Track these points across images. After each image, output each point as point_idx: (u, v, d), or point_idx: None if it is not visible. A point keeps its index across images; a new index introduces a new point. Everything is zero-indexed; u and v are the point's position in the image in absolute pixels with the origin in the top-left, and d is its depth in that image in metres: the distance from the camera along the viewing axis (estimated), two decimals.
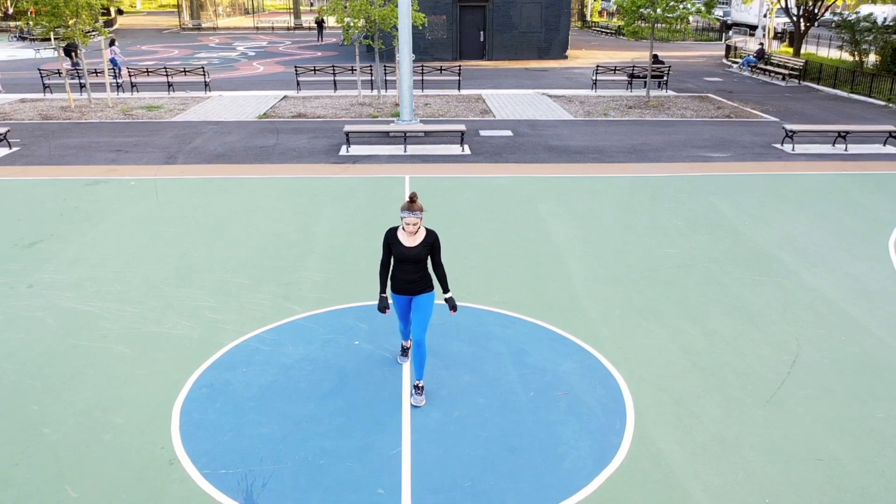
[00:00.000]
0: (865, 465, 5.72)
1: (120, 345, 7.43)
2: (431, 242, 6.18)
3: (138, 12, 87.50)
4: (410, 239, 6.11)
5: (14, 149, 16.32)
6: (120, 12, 62.28)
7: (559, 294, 8.75)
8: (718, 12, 62.85)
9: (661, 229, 11.09)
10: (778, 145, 17.06)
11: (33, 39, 49.91)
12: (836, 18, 31.95)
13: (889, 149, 16.87)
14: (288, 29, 59.03)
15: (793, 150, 16.61)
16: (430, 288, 6.30)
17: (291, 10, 71.47)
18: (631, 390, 6.67)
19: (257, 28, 58.65)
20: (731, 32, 49.82)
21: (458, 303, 7.37)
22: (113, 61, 28.73)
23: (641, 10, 21.39)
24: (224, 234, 10.78)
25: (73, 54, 29.23)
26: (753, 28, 46.23)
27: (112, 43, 29.27)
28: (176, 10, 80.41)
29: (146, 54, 38.51)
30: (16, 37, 52.25)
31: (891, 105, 23.28)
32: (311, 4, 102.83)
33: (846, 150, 16.65)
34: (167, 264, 9.61)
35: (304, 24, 59.64)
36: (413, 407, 6.32)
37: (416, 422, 6.13)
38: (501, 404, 6.41)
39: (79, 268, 9.49)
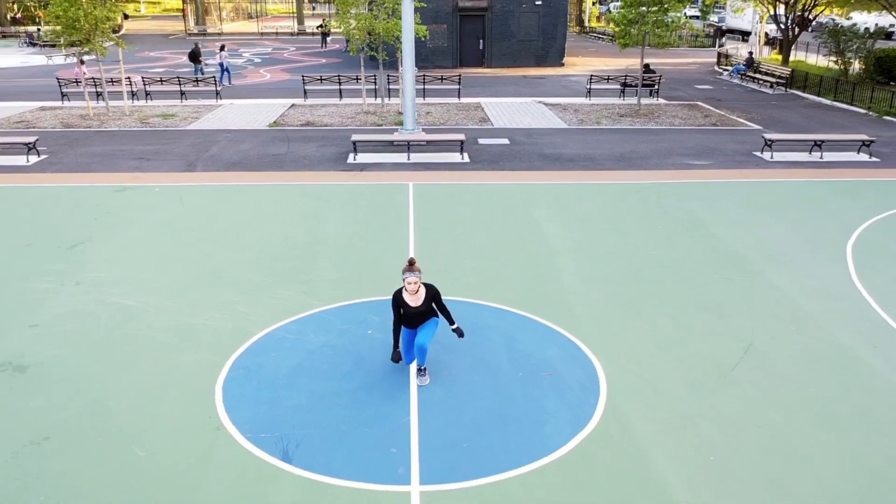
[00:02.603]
0: (799, 432, 6.82)
1: (164, 334, 8.54)
2: (433, 296, 7.29)
3: (143, 17, 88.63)
4: (414, 298, 7.19)
5: (42, 157, 17.42)
6: (126, 17, 63.28)
7: (549, 291, 9.86)
8: (713, 18, 64.13)
9: (644, 233, 12.19)
10: (758, 153, 18.17)
11: (43, 45, 51.08)
12: (829, 24, 32.94)
13: (862, 157, 17.97)
14: (292, 34, 60.15)
15: (771, 157, 17.72)
16: (435, 316, 7.42)
17: (294, 15, 72.70)
18: (606, 373, 7.77)
19: (262, 34, 59.67)
20: (724, 39, 50.93)
21: (459, 298, 8.47)
22: (221, 66, 30.28)
23: (632, 24, 22.48)
24: (244, 236, 11.88)
25: (197, 60, 30.67)
26: (747, 34, 47.36)
27: (222, 48, 30.87)
28: (180, 13, 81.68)
29: (155, 61, 39.63)
30: (25, 42, 53.27)
31: (871, 113, 24.37)
32: (314, 8, 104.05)
33: (821, 157, 17.75)
34: (196, 264, 10.71)
35: (308, 30, 60.78)
36: (419, 386, 7.42)
37: (421, 396, 7.24)
38: (494, 382, 7.52)
39: (118, 267, 10.59)
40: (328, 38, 49.42)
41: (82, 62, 24.25)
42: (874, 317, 9.19)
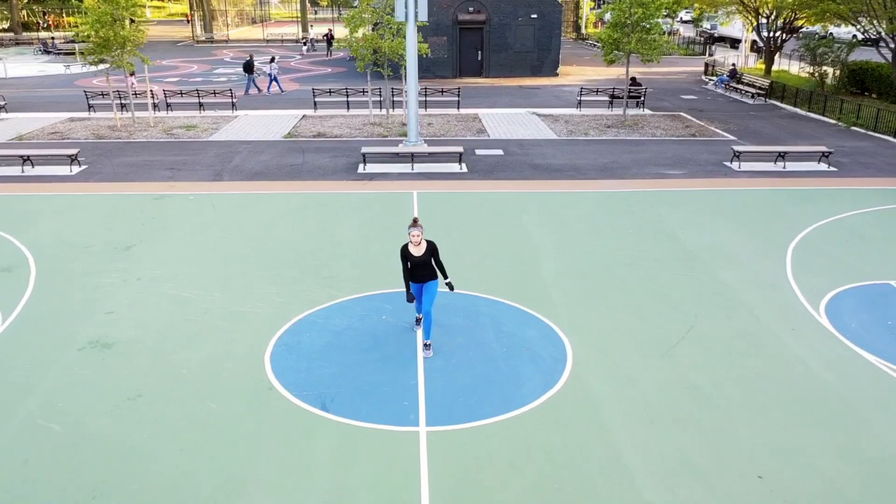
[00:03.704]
0: (718, 391, 8.80)
1: (217, 319, 10.53)
2: (432, 249, 9.28)
3: (148, 21, 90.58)
4: (417, 249, 9.20)
5: (83, 167, 19.41)
6: (132, 22, 64.92)
7: (531, 284, 11.83)
8: (706, 25, 66.06)
9: (615, 235, 14.17)
10: (728, 163, 20.14)
11: (58, 53, 52.94)
12: (811, 35, 34.74)
13: (822, 166, 19.93)
14: (297, 41, 62.08)
15: (739, 167, 19.70)
16: (435, 277, 9.41)
17: (298, 19, 74.64)
18: (573, 349, 9.75)
19: (267, 41, 61.56)
20: (714, 47, 52.91)
21: (456, 290, 10.45)
22: (270, 75, 32.56)
23: (617, 43, 24.45)
24: (271, 239, 13.86)
25: (251, 70, 33.32)
26: (738, 41, 49.37)
27: (272, 60, 33.15)
28: (184, 18, 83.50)
29: (168, 69, 41.51)
30: (40, 50, 55.08)
31: (840, 124, 26.34)
32: (315, 12, 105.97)
33: (784, 167, 19.73)
34: (234, 262, 12.69)
35: (312, 37, 62.74)
36: (425, 358, 9.41)
37: (427, 366, 9.22)
38: (484, 356, 9.50)
39: (169, 265, 12.58)
40: (332, 44, 51.41)
41: (132, 73, 26.48)
42: (798, 306, 11.16)
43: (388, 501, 6.93)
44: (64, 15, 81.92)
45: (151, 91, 28.26)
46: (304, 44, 54.32)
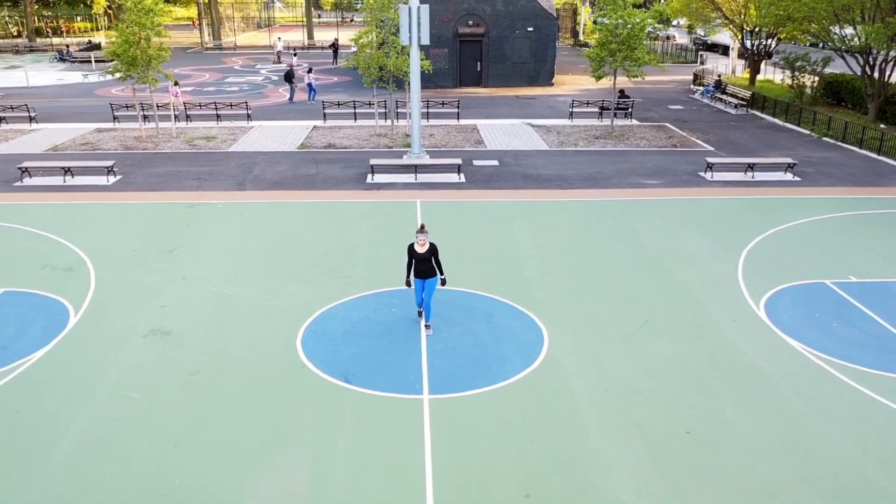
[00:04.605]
0: (664, 370, 10.87)
1: (254, 311, 12.63)
2: (433, 250, 11.41)
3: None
4: (421, 248, 11.32)
5: (118, 177, 21.51)
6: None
7: (518, 283, 13.91)
8: (700, 31, 68.07)
9: (592, 240, 16.24)
10: (702, 173, 22.20)
11: (73, 61, 55.02)
12: (790, 53, 36.77)
13: (788, 176, 21.98)
14: (302, 48, 64.14)
15: (711, 177, 21.76)
16: (435, 275, 11.55)
17: (303, 24, 76.60)
18: (550, 336, 11.83)
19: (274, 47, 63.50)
20: (706, 54, 54.97)
21: (453, 288, 12.53)
22: (309, 85, 34.87)
23: (604, 61, 26.52)
24: (293, 243, 15.95)
25: (291, 80, 35.76)
26: (728, 48, 51.43)
27: (310, 71, 35.92)
28: (190, 23, 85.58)
29: (181, 79, 43.53)
30: (56, 58, 57.08)
31: (813, 134, 28.38)
32: (319, 16, 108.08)
33: (753, 177, 21.78)
34: (263, 263, 14.78)
35: (318, 44, 64.84)
36: (427, 337, 11.50)
37: (429, 348, 11.31)
38: (476, 341, 11.59)
39: (208, 266, 14.67)
40: (338, 52, 53.50)
41: (176, 83, 28.85)
42: (742, 301, 13.24)
43: (399, 451, 9.02)
44: (76, 19, 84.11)
45: (184, 103, 30.39)
46: (277, 57, 53.10)
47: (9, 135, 27.72)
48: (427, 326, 11.77)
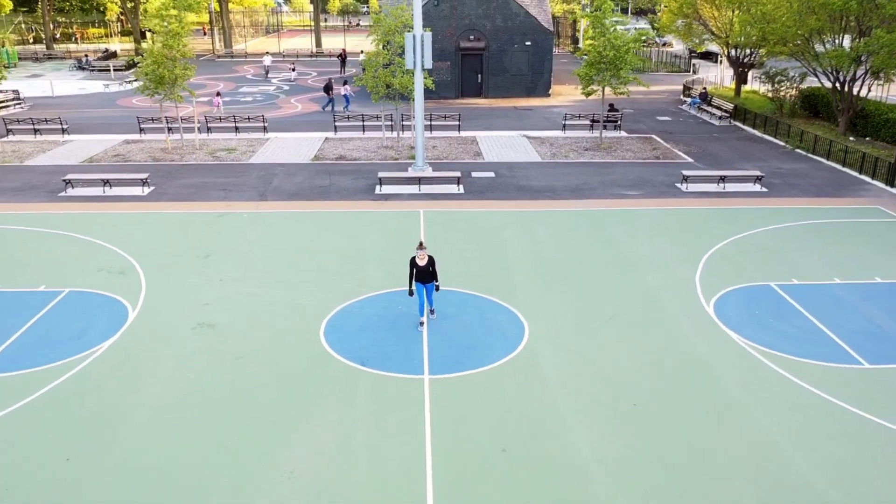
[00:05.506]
0: (624, 356, 13.20)
1: (282, 308, 15.01)
2: (432, 262, 13.80)
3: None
4: (421, 260, 13.69)
5: (152, 188, 23.91)
6: (143, 36, 67.93)
7: (507, 285, 16.25)
8: (696, 39, 70.20)
9: (573, 247, 18.58)
10: (679, 185, 24.50)
11: (92, 70, 57.41)
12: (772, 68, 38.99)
13: (756, 187, 24.26)
14: (311, 56, 66.57)
15: (686, 189, 24.05)
16: (434, 279, 13.91)
17: (311, 28, 78.85)
18: (530, 329, 14.19)
19: (283, 55, 65.88)
20: (698, 63, 57.20)
21: (449, 289, 14.92)
22: (346, 97, 37.43)
23: (592, 79, 28.85)
24: (312, 249, 18.32)
25: (330, 91, 38.65)
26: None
27: (345, 83, 38.64)
28: (199, 27, 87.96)
29: (197, 88, 45.87)
30: (75, 66, 59.43)
31: (787, 146, 30.63)
32: (325, 20, 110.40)
33: (724, 188, 24.07)
34: (286, 267, 17.15)
35: (325, 52, 67.24)
36: (427, 329, 13.87)
37: (429, 339, 13.68)
38: (468, 332, 13.96)
39: (241, 269, 17.05)
40: (346, 61, 55.88)
41: (219, 94, 31.54)
42: (696, 300, 15.57)
43: (405, 418, 11.39)
44: (90, 26, 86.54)
45: (220, 115, 32.75)
46: (265, 72, 52.95)
47: (45, 146, 30.16)
48: (432, 311, 14.34)
